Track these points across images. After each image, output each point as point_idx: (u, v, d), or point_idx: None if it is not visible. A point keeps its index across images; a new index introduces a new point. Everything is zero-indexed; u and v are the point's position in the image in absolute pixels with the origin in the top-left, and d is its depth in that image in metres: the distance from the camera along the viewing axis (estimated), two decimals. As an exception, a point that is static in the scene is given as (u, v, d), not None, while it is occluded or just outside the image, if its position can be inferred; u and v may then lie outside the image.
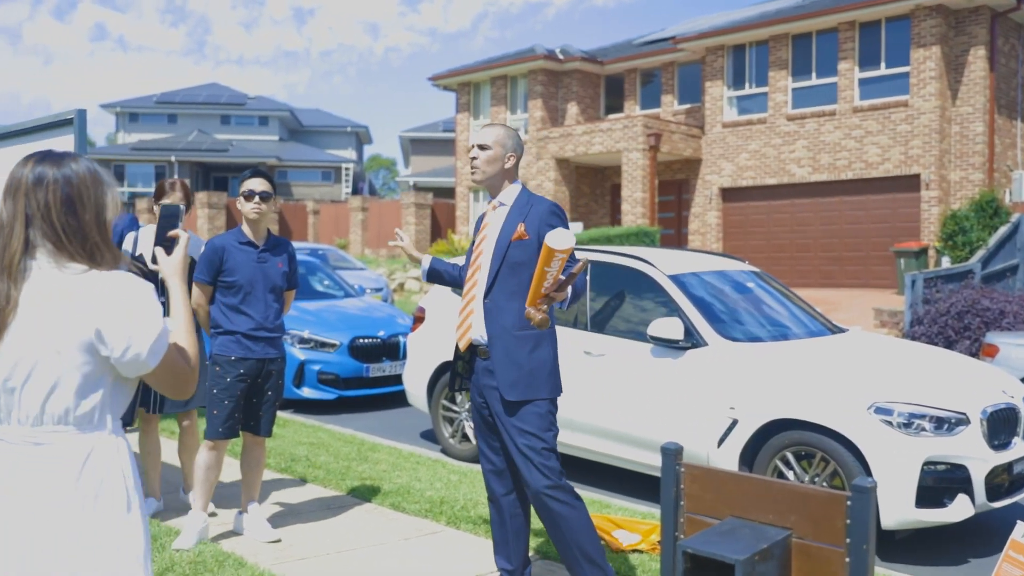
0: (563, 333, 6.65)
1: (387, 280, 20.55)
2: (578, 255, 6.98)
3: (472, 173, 3.87)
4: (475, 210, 27.58)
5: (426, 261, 4.17)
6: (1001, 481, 5.25)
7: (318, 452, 6.75)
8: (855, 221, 19.86)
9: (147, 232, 4.90)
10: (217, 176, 49.34)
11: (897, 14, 19.05)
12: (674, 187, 23.78)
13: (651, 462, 6.08)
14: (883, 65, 19.40)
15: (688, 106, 23.85)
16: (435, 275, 4.21)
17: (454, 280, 4.22)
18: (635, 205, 21.93)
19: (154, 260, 2.27)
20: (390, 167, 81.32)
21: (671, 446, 2.32)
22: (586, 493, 5.93)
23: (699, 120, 23.20)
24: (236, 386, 4.57)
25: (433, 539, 4.87)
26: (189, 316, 2.18)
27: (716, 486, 2.30)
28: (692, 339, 5.92)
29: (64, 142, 4.74)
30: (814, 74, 20.47)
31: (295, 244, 20.86)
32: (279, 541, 4.72)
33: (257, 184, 4.72)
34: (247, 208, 4.72)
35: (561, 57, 25.37)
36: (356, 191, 50.62)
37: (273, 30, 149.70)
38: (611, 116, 25.53)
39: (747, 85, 21.82)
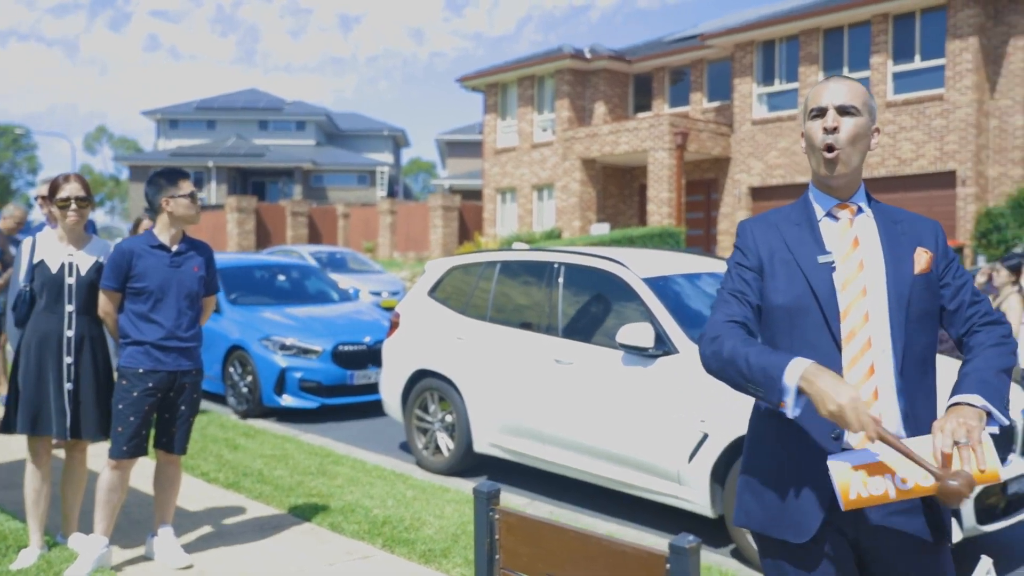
0: (533, 340, 6.28)
1: (406, 284, 20.29)
2: (548, 256, 6.59)
3: (826, 163, 2.23)
4: (503, 213, 27.25)
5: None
6: (994, 503, 4.73)
7: (275, 466, 6.43)
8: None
9: (46, 236, 4.52)
10: (255, 181, 49.68)
11: (932, 5, 18.30)
12: (703, 187, 23.20)
13: (620, 477, 5.66)
14: (917, 58, 18.67)
15: (718, 104, 23.27)
16: None
17: None
18: (661, 205, 21.41)
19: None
20: (430, 170, 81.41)
21: (485, 487, 1.92)
22: (560, 511, 5.55)
23: (728, 118, 22.60)
24: (144, 400, 4.25)
25: (360, 565, 4.50)
26: None
27: (533, 538, 1.91)
28: (663, 346, 5.49)
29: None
30: (846, 68, 19.77)
31: (323, 247, 20.87)
32: (190, 567, 4.38)
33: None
34: (194, 211, 4.39)
35: (588, 56, 24.93)
36: (392, 194, 50.61)
37: (320, 37, 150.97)
38: (639, 115, 25.02)
39: (777, 81, 21.19)
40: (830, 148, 2.22)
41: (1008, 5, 17.85)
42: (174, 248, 4.40)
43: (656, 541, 5.18)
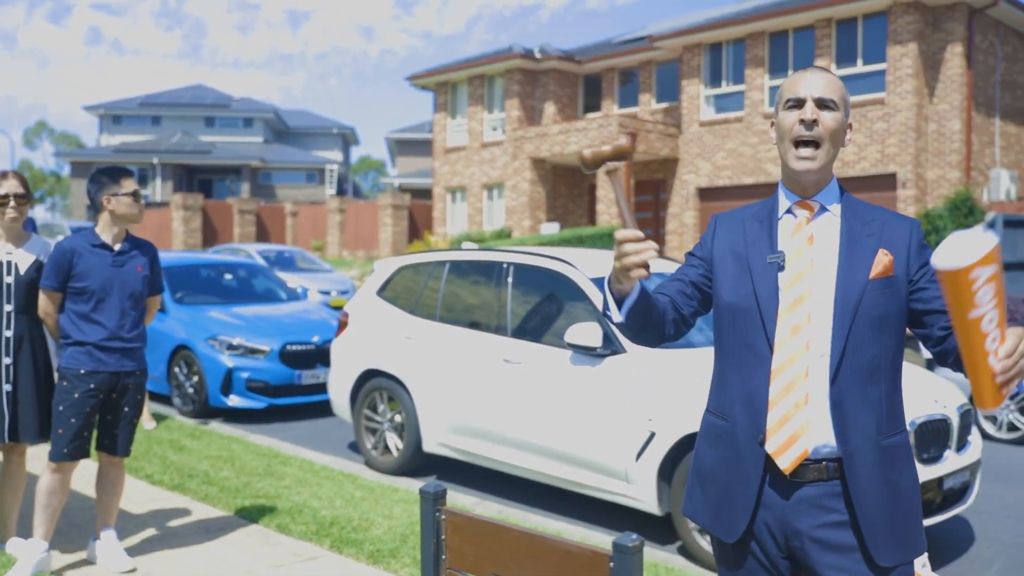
0: (483, 340, 6.30)
1: (355, 283, 20.15)
2: (497, 256, 6.62)
3: (803, 159, 2.14)
4: (453, 212, 27.21)
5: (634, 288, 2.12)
6: (931, 497, 4.87)
7: (221, 467, 6.36)
8: (832, 221, 19.51)
9: None
10: (201, 178, 48.95)
11: (874, 11, 18.69)
12: (652, 187, 23.41)
13: (568, 476, 5.70)
14: (860, 62, 19.06)
15: (666, 105, 23.49)
16: (641, 313, 2.14)
17: (669, 322, 2.26)
18: (610, 205, 21.55)
19: None
20: (380, 168, 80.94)
21: (431, 488, 1.93)
22: (509, 510, 5.57)
23: (677, 119, 22.83)
24: (85, 402, 4.17)
25: (308, 566, 4.48)
26: None
27: (478, 538, 1.93)
28: (611, 345, 5.54)
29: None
30: (791, 71, 20.08)
31: (271, 246, 20.62)
32: (134, 571, 4.32)
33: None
34: (136, 210, 4.32)
35: (538, 56, 25.00)
36: (341, 192, 50.23)
37: (268, 33, 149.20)
38: (588, 115, 25.16)
39: (724, 83, 21.46)
40: (804, 142, 2.15)
41: (945, 12, 18.30)
42: (117, 247, 4.33)
43: (604, 539, 5.23)
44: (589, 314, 5.77)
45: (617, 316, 2.13)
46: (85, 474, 5.81)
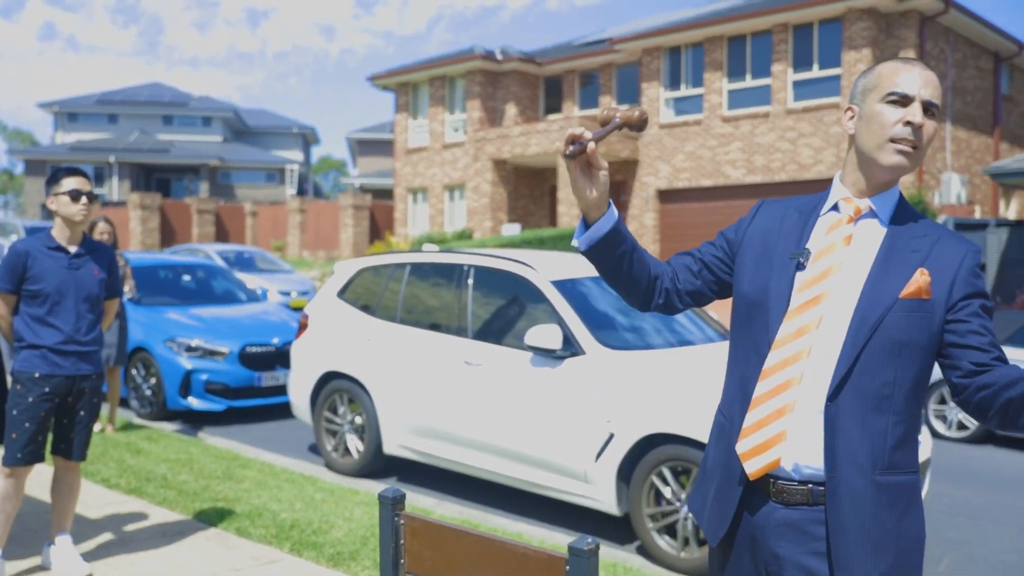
0: (443, 342, 6.32)
1: (315, 284, 20.05)
2: (457, 259, 6.64)
3: (901, 153, 1.94)
4: (414, 212, 27.16)
5: (613, 210, 2.05)
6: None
7: (179, 470, 6.31)
8: (789, 223, 19.77)
9: None
10: (159, 177, 48.32)
11: (829, 16, 18.99)
12: (612, 188, 23.55)
13: (528, 477, 5.74)
14: (816, 67, 19.34)
15: (626, 107, 23.63)
16: (606, 253, 2.06)
17: (638, 276, 2.12)
18: (571, 207, 21.66)
19: None
20: (341, 169, 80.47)
21: (390, 493, 1.96)
22: (469, 511, 5.60)
23: (636, 121, 22.98)
24: (40, 406, 4.13)
25: (267, 570, 4.47)
26: None
27: (436, 542, 1.96)
28: (571, 347, 5.59)
29: None
30: (749, 76, 20.35)
31: (230, 246, 20.43)
32: (90, 576, 4.29)
33: (84, 183, 4.26)
34: (74, 210, 4.26)
35: (499, 58, 25.04)
36: (302, 192, 49.88)
37: (227, 31, 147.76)
38: (549, 117, 25.26)
39: (683, 86, 21.66)
40: (906, 143, 1.93)
41: (898, 19, 18.65)
42: (72, 250, 4.29)
43: (564, 540, 5.28)
44: (549, 316, 5.82)
45: (575, 242, 2.08)
46: (40, 479, 5.74)
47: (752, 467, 1.97)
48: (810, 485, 1.93)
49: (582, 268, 6.37)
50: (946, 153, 19.69)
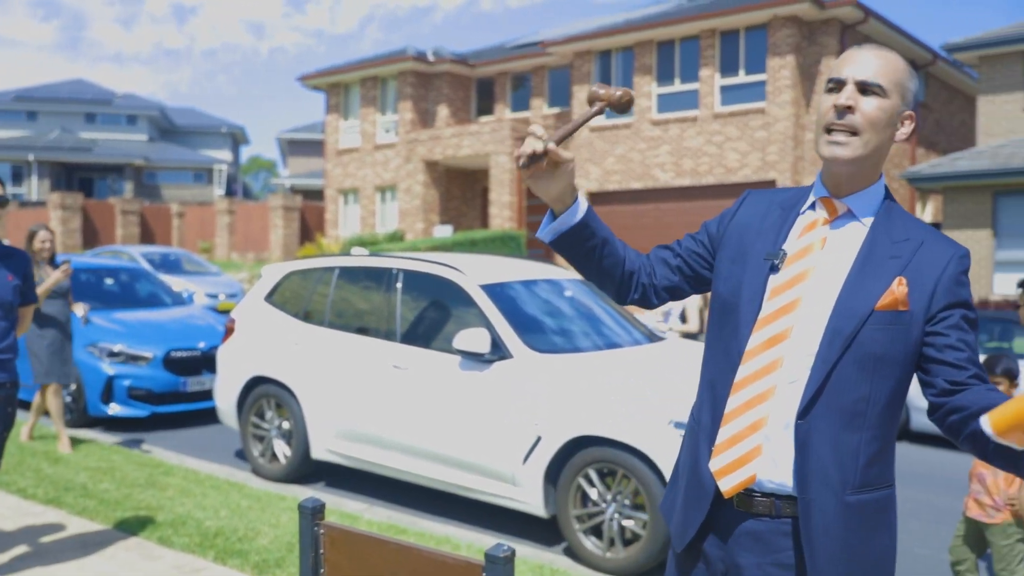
0: (372, 346, 6.30)
1: (244, 286, 19.76)
2: (386, 263, 6.63)
3: (832, 143, 1.84)
4: (345, 214, 26.93)
5: (581, 203, 1.98)
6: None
7: (100, 479, 6.17)
8: (717, 226, 20.14)
9: None
10: (82, 177, 47.05)
11: (755, 23, 19.40)
12: (544, 191, 23.69)
13: (457, 481, 5.76)
14: (742, 72, 19.74)
15: (558, 110, 23.81)
16: (573, 245, 2.00)
17: (619, 276, 2.07)
18: (503, 208, 21.73)
19: None
20: (271, 169, 79.34)
21: (310, 504, 1.97)
22: (397, 515, 5.59)
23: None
24: (-49, 415, 4.01)
25: (191, 579, 4.41)
26: None
27: (356, 552, 1.97)
28: (499, 351, 5.63)
29: None
30: (677, 80, 20.67)
31: (156, 248, 20.00)
32: (4, 589, 4.18)
33: None
34: None
35: (432, 59, 24.99)
36: (230, 193, 49.07)
37: (152, 27, 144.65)
38: (482, 119, 25.31)
39: (613, 90, 21.88)
40: (839, 130, 1.83)
41: (820, 27, 19.15)
42: (-14, 255, 4.17)
43: (491, 543, 5.31)
44: (477, 320, 5.85)
45: (540, 232, 2.01)
46: (-48, 490, 5.56)
47: (727, 484, 1.89)
48: (774, 498, 1.87)
49: (511, 272, 6.42)
50: (866, 158, 20.27)
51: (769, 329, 1.87)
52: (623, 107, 2.00)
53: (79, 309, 7.39)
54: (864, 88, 1.83)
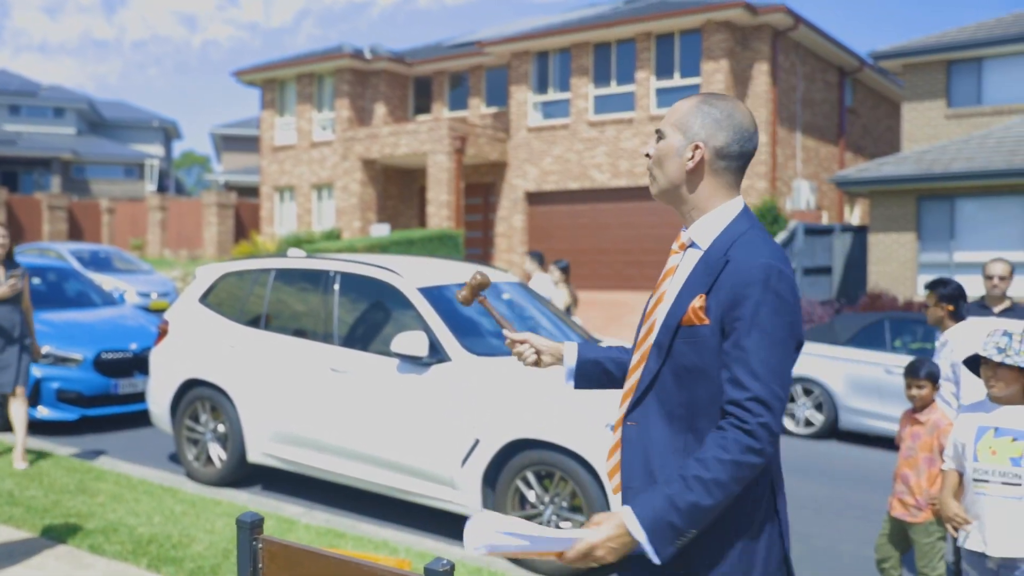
0: (309, 348, 6.26)
1: (177, 285, 19.39)
2: (323, 264, 6.60)
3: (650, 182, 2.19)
4: (281, 211, 26.60)
5: (570, 353, 2.42)
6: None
7: (28, 485, 6.03)
8: (652, 226, 20.41)
9: None
10: (5, 171, 45.57)
11: (689, 28, 19.69)
12: (481, 190, 23.73)
13: (396, 484, 5.77)
14: (677, 76, 20.02)
15: (496, 110, 23.85)
16: (593, 380, 2.43)
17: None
18: (441, 208, 21.69)
19: None
20: (204, 164, 77.91)
21: (248, 518, 1.98)
22: (337, 518, 5.57)
23: (506, 124, 23.24)
24: None
25: (124, 587, 4.35)
26: None
27: (294, 565, 1.99)
28: (437, 354, 5.65)
29: None
30: (614, 82, 20.88)
31: (85, 245, 19.49)
32: (-71, 602, 4.08)
33: None
34: None
35: (369, 57, 24.81)
36: (162, 189, 48.06)
37: (80, 17, 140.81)
38: (419, 117, 25.22)
39: (551, 91, 22.02)
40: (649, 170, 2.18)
41: (753, 32, 19.53)
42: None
43: (432, 546, 5.33)
44: (415, 323, 5.86)
45: (566, 383, 2.42)
46: None
47: (613, 483, 2.20)
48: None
49: (449, 274, 6.44)
50: (796, 161, 20.74)
51: (643, 347, 2.14)
52: (487, 285, 2.52)
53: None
54: (656, 134, 2.15)
